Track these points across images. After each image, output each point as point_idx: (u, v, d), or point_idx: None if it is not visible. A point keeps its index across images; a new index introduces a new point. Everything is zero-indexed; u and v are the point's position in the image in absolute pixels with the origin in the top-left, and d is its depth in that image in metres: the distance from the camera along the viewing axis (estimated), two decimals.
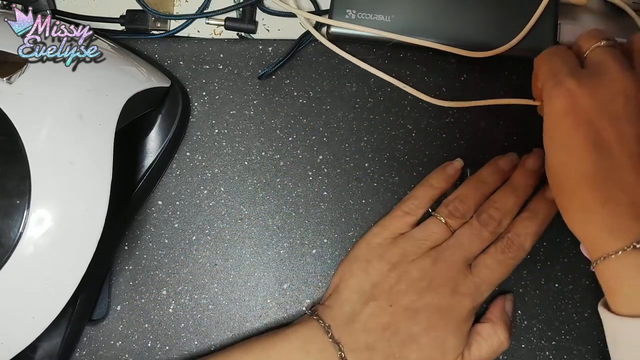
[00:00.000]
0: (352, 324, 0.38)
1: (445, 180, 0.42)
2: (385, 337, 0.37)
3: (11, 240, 0.31)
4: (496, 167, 0.42)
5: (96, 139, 0.35)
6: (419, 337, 0.37)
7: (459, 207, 0.40)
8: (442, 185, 0.42)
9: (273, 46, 0.46)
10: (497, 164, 0.42)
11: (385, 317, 0.38)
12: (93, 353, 0.42)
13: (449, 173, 0.42)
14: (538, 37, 0.42)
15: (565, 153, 0.34)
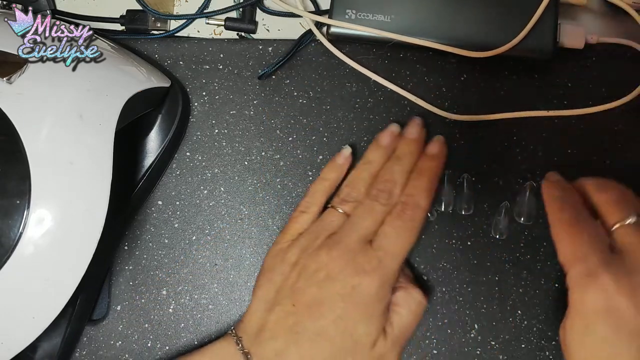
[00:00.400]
0: (261, 334, 0.37)
1: (335, 170, 0.42)
2: (293, 339, 0.36)
3: (11, 240, 0.31)
4: (377, 144, 0.42)
5: (96, 139, 0.35)
6: (327, 330, 0.36)
7: (349, 192, 0.40)
8: (332, 176, 0.42)
9: (273, 46, 0.46)
10: (378, 140, 0.42)
11: (290, 319, 0.37)
12: (93, 353, 0.42)
13: (338, 162, 0.42)
14: (538, 37, 0.42)
15: None
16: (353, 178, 0.41)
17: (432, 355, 0.42)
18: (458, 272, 0.42)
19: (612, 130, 0.44)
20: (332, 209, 0.40)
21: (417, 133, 0.41)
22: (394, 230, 0.38)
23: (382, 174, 0.40)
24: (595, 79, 0.45)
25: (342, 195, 0.40)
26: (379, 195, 0.39)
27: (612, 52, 0.45)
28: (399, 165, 0.40)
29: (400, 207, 0.38)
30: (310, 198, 0.41)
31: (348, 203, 0.40)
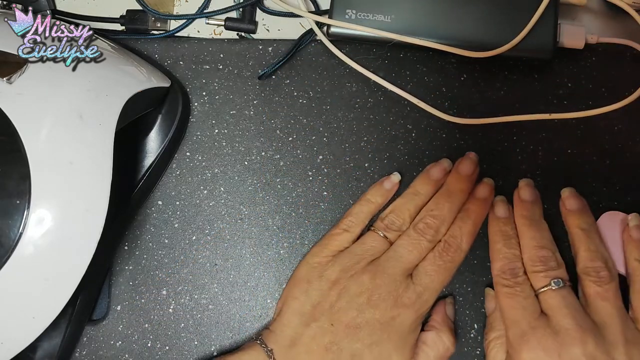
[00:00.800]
0: (295, 347, 0.38)
1: (382, 194, 0.42)
2: (328, 357, 0.37)
3: (11, 240, 0.31)
4: (428, 177, 0.42)
5: (96, 139, 0.35)
6: (362, 354, 0.37)
7: (394, 220, 0.41)
8: (378, 200, 0.42)
9: (273, 46, 0.46)
10: (429, 173, 0.42)
11: (327, 337, 0.37)
12: (93, 353, 0.42)
13: (386, 187, 0.42)
14: (538, 37, 0.42)
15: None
16: (399, 206, 0.41)
17: None
18: (458, 272, 0.42)
19: (612, 130, 0.44)
20: (374, 233, 0.41)
21: (470, 170, 0.41)
22: (435, 269, 0.39)
23: (431, 207, 0.40)
24: (595, 79, 0.45)
25: (386, 221, 0.41)
26: (426, 231, 0.39)
27: (612, 52, 0.45)
28: (449, 202, 0.40)
29: (444, 246, 0.39)
30: (354, 218, 0.41)
31: (392, 231, 0.40)
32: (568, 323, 0.36)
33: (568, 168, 0.44)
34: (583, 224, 0.40)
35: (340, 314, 0.38)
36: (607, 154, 0.44)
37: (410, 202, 0.41)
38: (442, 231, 0.40)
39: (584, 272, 0.38)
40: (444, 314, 0.41)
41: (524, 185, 0.42)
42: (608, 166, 0.43)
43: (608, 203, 0.43)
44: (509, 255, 0.39)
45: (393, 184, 0.43)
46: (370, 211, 0.42)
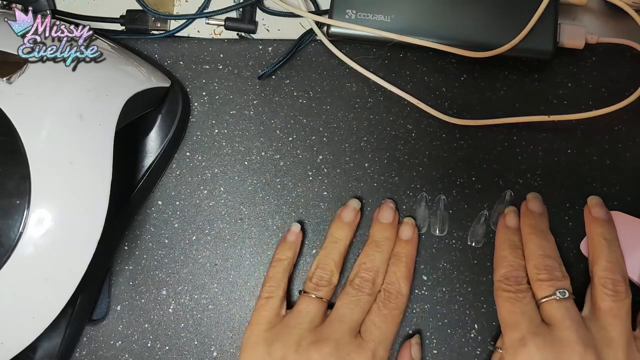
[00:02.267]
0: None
1: (289, 248, 0.42)
2: None
3: (11, 240, 0.31)
4: (342, 221, 0.42)
5: (96, 139, 0.35)
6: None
7: (322, 275, 0.40)
8: (288, 254, 0.42)
9: (273, 46, 0.46)
10: (340, 218, 0.42)
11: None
12: (93, 353, 0.42)
13: (290, 240, 0.42)
14: (538, 37, 0.42)
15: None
16: (322, 258, 0.41)
17: (432, 355, 0.42)
18: (458, 272, 0.42)
19: (612, 130, 0.44)
20: (306, 296, 0.40)
21: (391, 217, 0.42)
22: (382, 320, 0.39)
23: (363, 260, 0.40)
24: (595, 79, 0.45)
25: (314, 280, 0.40)
26: (363, 285, 0.39)
27: (612, 52, 0.45)
28: (379, 252, 0.40)
29: (384, 295, 0.39)
30: (271, 282, 0.41)
31: (322, 288, 0.40)
32: (571, 336, 0.35)
33: (568, 168, 0.44)
34: (607, 234, 0.39)
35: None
36: (607, 154, 0.44)
37: (332, 251, 0.41)
38: (379, 282, 0.40)
39: (602, 282, 0.37)
40: (409, 357, 0.40)
41: (532, 198, 0.42)
42: (608, 166, 0.43)
43: (608, 203, 0.43)
44: (514, 264, 0.39)
45: (295, 234, 0.42)
46: (284, 269, 0.41)
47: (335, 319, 0.38)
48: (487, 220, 0.43)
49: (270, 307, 0.40)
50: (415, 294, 0.42)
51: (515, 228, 0.41)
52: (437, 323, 0.42)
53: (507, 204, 0.42)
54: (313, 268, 0.41)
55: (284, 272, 0.41)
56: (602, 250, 0.38)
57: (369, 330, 0.38)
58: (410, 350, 0.41)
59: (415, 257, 0.42)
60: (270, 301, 0.40)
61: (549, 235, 0.40)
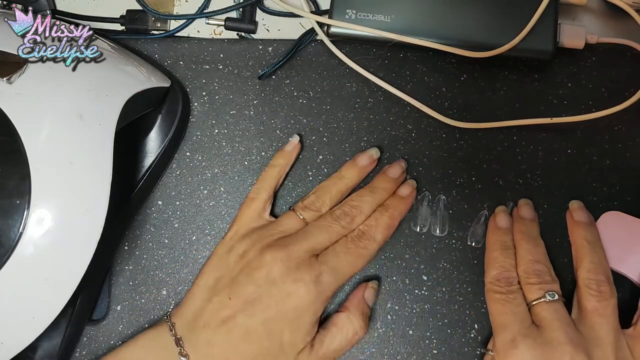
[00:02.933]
0: (195, 321, 0.38)
1: (284, 157, 0.43)
2: (223, 331, 0.37)
3: (11, 240, 0.31)
4: (355, 163, 0.43)
5: (96, 139, 0.35)
6: (257, 329, 0.37)
7: (314, 200, 0.41)
8: (280, 162, 0.43)
9: (273, 46, 0.46)
10: (355, 160, 0.43)
11: (225, 311, 0.37)
12: (93, 353, 0.42)
13: (287, 150, 0.43)
14: (538, 37, 0.42)
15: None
16: (321, 188, 0.42)
17: (432, 355, 0.42)
18: (458, 272, 0.42)
19: (612, 130, 0.44)
20: (293, 212, 0.41)
21: (397, 174, 0.42)
22: (344, 252, 0.39)
23: (351, 197, 0.41)
24: (595, 79, 0.45)
25: (305, 202, 0.41)
26: (341, 217, 0.40)
27: (612, 52, 0.45)
28: (370, 196, 0.41)
29: (357, 233, 0.40)
30: (259, 184, 0.42)
31: (309, 211, 0.41)
32: (560, 336, 0.36)
33: (568, 168, 0.44)
34: (589, 236, 0.40)
35: (239, 288, 0.38)
36: (607, 154, 0.44)
37: (333, 185, 0.42)
38: (358, 221, 0.40)
39: (586, 284, 0.38)
40: (360, 297, 0.41)
41: (523, 204, 0.42)
42: (608, 166, 0.43)
43: (608, 203, 0.43)
44: (506, 264, 0.39)
45: (293, 145, 0.43)
46: (274, 175, 0.42)
47: (300, 234, 0.39)
48: (487, 220, 0.43)
49: (253, 208, 0.41)
50: (415, 294, 0.42)
51: (506, 228, 0.41)
52: (437, 323, 0.42)
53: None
54: (310, 193, 0.42)
55: (273, 177, 0.42)
56: (585, 252, 0.39)
57: (327, 255, 0.39)
58: (364, 291, 0.41)
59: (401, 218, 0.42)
60: (255, 202, 0.42)
61: (539, 241, 0.40)
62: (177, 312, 0.39)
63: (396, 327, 0.42)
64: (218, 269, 0.39)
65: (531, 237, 0.40)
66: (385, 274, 0.43)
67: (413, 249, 0.43)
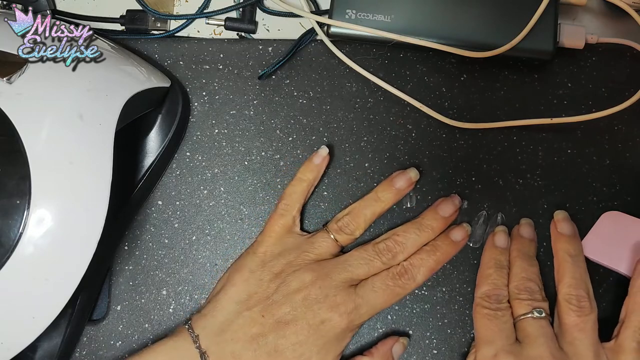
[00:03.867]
0: (222, 334, 0.37)
1: (312, 170, 0.42)
2: (252, 347, 0.37)
3: (11, 240, 0.31)
4: (392, 185, 0.41)
5: (96, 139, 0.35)
6: (285, 350, 0.37)
7: (349, 222, 0.41)
8: (309, 177, 0.42)
9: (273, 46, 0.46)
10: (393, 181, 0.42)
11: (256, 328, 0.37)
12: (93, 353, 0.42)
13: (315, 162, 0.42)
14: (538, 37, 0.42)
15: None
16: (356, 209, 0.41)
17: (432, 355, 0.42)
18: (458, 272, 0.42)
19: (612, 130, 0.44)
20: (326, 233, 0.41)
21: (449, 213, 0.41)
22: (383, 289, 0.39)
23: (398, 232, 0.40)
24: (595, 79, 0.45)
25: (340, 223, 0.41)
26: (384, 253, 0.39)
27: (612, 52, 0.45)
28: (416, 234, 0.40)
29: (399, 270, 0.39)
30: (287, 200, 0.41)
31: (344, 234, 0.40)
32: (543, 352, 0.36)
33: (568, 168, 0.44)
34: (572, 250, 0.39)
35: (273, 307, 0.38)
36: (607, 154, 0.44)
37: (369, 207, 0.41)
38: (399, 259, 0.40)
39: (566, 299, 0.37)
40: (388, 348, 0.40)
41: (524, 223, 0.42)
42: (608, 166, 0.43)
43: (608, 203, 0.43)
44: (498, 282, 0.39)
45: (322, 157, 0.42)
46: (302, 190, 0.42)
47: (341, 263, 0.39)
48: (487, 220, 0.43)
49: (282, 224, 0.41)
50: (415, 294, 0.42)
51: (503, 248, 0.41)
52: (437, 323, 0.42)
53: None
54: (344, 213, 0.41)
55: (302, 192, 0.42)
56: (567, 266, 0.39)
57: (365, 288, 0.39)
58: (393, 343, 0.41)
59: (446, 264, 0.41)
60: (284, 218, 0.41)
61: (534, 261, 0.40)
62: (200, 321, 0.38)
63: (396, 327, 0.42)
64: (250, 284, 0.39)
65: (527, 256, 0.40)
66: None
67: None
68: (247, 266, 0.40)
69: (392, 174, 0.42)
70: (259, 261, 0.40)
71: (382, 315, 0.42)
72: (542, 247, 0.42)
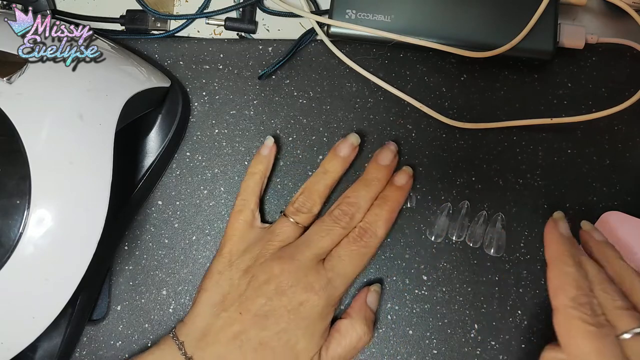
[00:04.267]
0: (204, 338, 0.37)
1: (261, 162, 0.42)
2: (236, 345, 0.37)
3: (11, 240, 0.31)
4: (335, 154, 0.42)
5: (96, 139, 0.35)
6: (270, 341, 0.37)
7: (304, 201, 0.40)
8: (260, 168, 0.42)
9: (273, 46, 0.46)
10: (335, 151, 0.42)
11: (235, 326, 0.37)
12: (93, 353, 0.42)
13: (263, 154, 0.42)
14: (538, 37, 0.42)
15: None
16: (308, 187, 0.41)
17: (432, 355, 0.42)
18: (458, 272, 0.42)
19: (612, 130, 0.44)
20: (285, 218, 0.40)
21: (389, 160, 0.41)
22: (348, 255, 0.39)
23: (349, 194, 0.40)
24: (595, 79, 0.45)
25: (296, 205, 0.41)
26: (340, 217, 0.39)
27: (612, 52, 0.45)
28: (365, 190, 0.40)
29: (358, 232, 0.39)
30: (243, 195, 0.42)
31: (302, 214, 0.40)
32: None
33: (568, 168, 0.44)
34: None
35: (248, 303, 0.38)
36: (607, 154, 0.44)
37: (320, 181, 0.41)
38: (357, 218, 0.40)
39: None
40: (362, 302, 0.40)
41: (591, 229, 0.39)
42: (608, 166, 0.43)
43: (608, 203, 0.43)
44: (583, 286, 0.33)
45: (269, 147, 0.43)
46: (255, 182, 0.42)
47: (303, 242, 0.39)
48: (486, 220, 0.43)
49: (242, 220, 0.41)
50: (415, 294, 0.42)
51: (571, 237, 0.36)
52: (437, 323, 0.42)
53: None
54: (298, 194, 0.41)
55: (256, 184, 0.42)
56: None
57: (332, 260, 0.39)
58: (366, 295, 0.41)
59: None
60: (242, 214, 0.41)
61: None
62: (183, 329, 0.39)
63: (396, 327, 0.42)
64: (221, 285, 0.39)
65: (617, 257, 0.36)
66: (385, 274, 0.43)
67: (413, 249, 0.43)
68: (215, 269, 0.40)
69: (334, 145, 0.42)
70: (225, 262, 0.40)
71: (382, 314, 0.42)
72: (543, 247, 0.42)
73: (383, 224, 0.40)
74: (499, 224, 0.43)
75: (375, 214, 0.40)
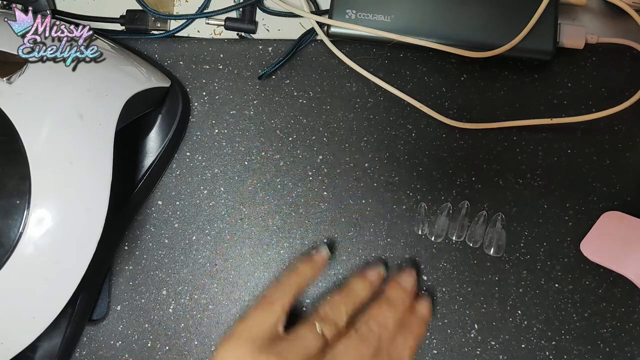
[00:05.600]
0: None
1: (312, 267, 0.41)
2: None
3: (11, 240, 0.31)
4: (363, 277, 0.41)
5: (96, 139, 0.35)
6: None
7: (330, 313, 0.39)
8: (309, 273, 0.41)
9: (273, 46, 0.46)
10: (364, 274, 0.41)
11: None
12: (93, 353, 0.42)
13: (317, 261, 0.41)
14: (538, 37, 0.42)
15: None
16: (335, 300, 0.40)
17: (432, 355, 0.42)
18: (458, 272, 0.42)
19: (612, 130, 0.44)
20: (312, 326, 0.38)
21: (411, 284, 0.41)
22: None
23: (374, 312, 0.39)
24: (595, 79, 0.45)
25: (321, 314, 0.39)
26: (368, 336, 0.38)
27: (612, 52, 0.45)
28: (391, 312, 0.39)
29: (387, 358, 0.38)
30: (281, 287, 0.40)
31: (327, 324, 0.38)
32: None
33: (568, 168, 0.44)
34: None
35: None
36: (607, 154, 0.44)
37: (347, 298, 0.40)
38: (384, 338, 0.39)
39: None
40: None
41: None
42: (608, 166, 0.43)
43: (608, 203, 0.43)
44: None
45: (323, 258, 0.42)
46: (298, 284, 0.40)
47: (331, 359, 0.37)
48: (487, 220, 0.43)
49: (271, 313, 0.38)
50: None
51: None
52: (437, 323, 0.42)
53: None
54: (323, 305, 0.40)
55: (297, 285, 0.40)
56: None
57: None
58: None
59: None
60: (274, 306, 0.39)
61: None
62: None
63: None
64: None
65: None
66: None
67: (413, 249, 0.43)
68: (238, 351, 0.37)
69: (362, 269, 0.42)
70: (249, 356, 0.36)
71: None
72: (543, 247, 0.42)
73: (410, 352, 0.39)
74: (499, 224, 0.43)
75: (404, 345, 0.39)
